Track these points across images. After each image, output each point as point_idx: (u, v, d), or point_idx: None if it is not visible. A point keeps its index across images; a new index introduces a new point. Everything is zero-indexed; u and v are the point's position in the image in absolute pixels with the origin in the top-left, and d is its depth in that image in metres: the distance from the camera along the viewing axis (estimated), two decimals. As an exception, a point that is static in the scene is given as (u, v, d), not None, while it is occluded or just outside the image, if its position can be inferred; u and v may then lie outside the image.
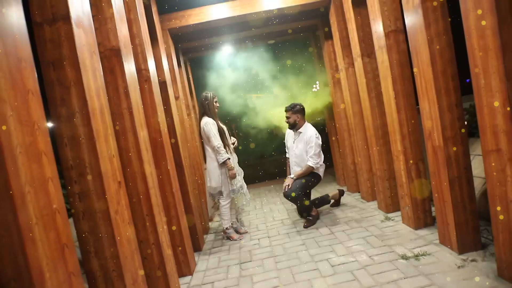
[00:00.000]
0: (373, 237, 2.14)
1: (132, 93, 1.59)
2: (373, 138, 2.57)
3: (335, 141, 3.93)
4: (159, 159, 2.00)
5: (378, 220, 2.45)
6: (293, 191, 2.60)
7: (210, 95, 2.65)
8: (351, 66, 2.94)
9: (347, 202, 3.19)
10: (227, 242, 2.62)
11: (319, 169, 2.77)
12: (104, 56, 1.52)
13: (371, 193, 3.02)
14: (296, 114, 2.79)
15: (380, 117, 2.52)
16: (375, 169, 2.66)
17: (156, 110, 1.99)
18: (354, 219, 2.61)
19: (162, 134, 2.01)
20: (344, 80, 3.03)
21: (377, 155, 2.56)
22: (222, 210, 2.65)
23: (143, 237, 1.57)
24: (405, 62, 2.05)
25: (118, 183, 1.22)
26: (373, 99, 2.52)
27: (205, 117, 2.60)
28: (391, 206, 2.57)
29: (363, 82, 2.54)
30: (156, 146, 2.00)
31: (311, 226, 2.63)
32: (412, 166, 2.10)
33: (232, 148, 2.68)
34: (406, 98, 2.06)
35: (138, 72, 1.95)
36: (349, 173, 3.51)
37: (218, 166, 2.54)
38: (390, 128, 2.20)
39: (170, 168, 2.06)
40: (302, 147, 2.75)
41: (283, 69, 4.12)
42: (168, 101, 2.45)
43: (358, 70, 2.59)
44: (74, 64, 1.06)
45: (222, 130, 2.58)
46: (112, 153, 1.21)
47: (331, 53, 3.44)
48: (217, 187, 2.58)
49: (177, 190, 2.13)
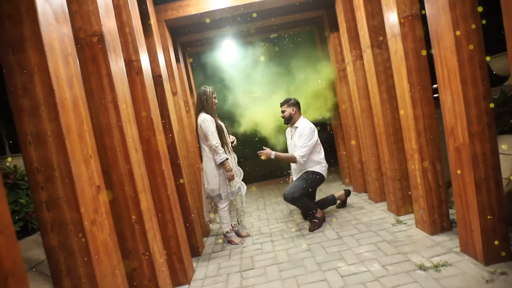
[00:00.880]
0: (385, 243, 1.96)
1: (119, 85, 1.42)
2: (383, 135, 2.38)
3: (341, 139, 3.75)
4: (153, 159, 1.83)
5: (389, 224, 2.27)
6: (293, 192, 2.42)
7: (209, 90, 2.48)
8: (359, 58, 2.75)
9: (353, 203, 3.01)
10: (228, 246, 2.46)
11: (321, 168, 2.59)
12: (86, 43, 1.35)
13: (380, 194, 2.83)
14: (291, 107, 2.62)
15: (391, 113, 2.34)
16: (385, 168, 2.47)
17: (149, 105, 1.82)
18: (362, 222, 2.43)
19: (156, 131, 1.85)
20: (351, 73, 2.83)
21: (388, 154, 2.37)
22: (220, 214, 2.48)
23: (132, 246, 1.40)
24: (422, 52, 1.86)
25: (97, 188, 1.05)
26: (383, 93, 2.33)
27: (203, 114, 2.42)
28: (402, 209, 2.39)
29: (372, 75, 2.35)
30: (149, 144, 1.83)
31: (317, 229, 2.46)
32: (428, 166, 1.91)
33: (231, 147, 2.51)
34: (422, 91, 1.87)
35: (128, 63, 1.79)
36: (356, 172, 3.33)
37: (216, 166, 2.37)
38: (403, 124, 2.01)
39: (165, 168, 1.90)
40: (298, 141, 2.58)
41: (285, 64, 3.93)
42: (164, 96, 2.28)
43: (367, 62, 2.40)
44: (38, 46, 0.89)
45: (220, 128, 2.41)
46: (89, 152, 1.04)
47: (336, 46, 3.25)
48: (214, 189, 2.41)
49: (173, 192, 1.96)
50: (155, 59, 2.25)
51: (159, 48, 2.35)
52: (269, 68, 3.82)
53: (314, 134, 2.55)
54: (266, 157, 2.46)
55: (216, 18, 2.96)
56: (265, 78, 3.76)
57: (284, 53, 3.84)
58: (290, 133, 2.75)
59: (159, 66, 2.26)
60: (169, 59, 2.70)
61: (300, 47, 3.74)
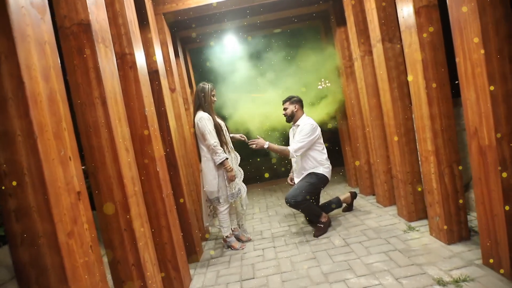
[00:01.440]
0: (397, 252, 1.82)
1: (107, 79, 1.29)
2: (394, 135, 2.23)
3: (346, 139, 3.60)
4: (147, 159, 1.71)
5: (400, 230, 2.13)
6: (295, 196, 2.28)
7: (208, 87, 2.35)
8: (368, 54, 2.60)
9: (360, 206, 2.86)
10: (228, 252, 2.34)
11: (325, 170, 2.45)
12: (71, 33, 1.23)
13: (389, 197, 2.68)
14: (293, 104, 2.50)
15: (403, 112, 2.18)
16: (395, 171, 2.32)
17: (143, 102, 1.70)
18: (371, 227, 2.29)
19: (150, 129, 1.72)
20: (359, 70, 2.68)
21: (399, 156, 2.22)
22: (220, 217, 2.35)
23: (121, 256, 1.28)
24: (439, 45, 1.71)
25: (76, 194, 0.92)
26: (395, 91, 2.18)
27: (200, 112, 2.29)
28: (414, 214, 2.24)
29: (383, 71, 2.20)
30: (143, 144, 1.71)
31: (322, 234, 2.32)
32: (445, 170, 1.76)
33: (231, 147, 2.38)
34: (439, 88, 1.72)
35: (120, 57, 1.66)
36: (363, 174, 3.18)
37: (215, 167, 2.24)
38: (418, 124, 1.86)
39: (161, 170, 1.77)
40: (296, 137, 2.44)
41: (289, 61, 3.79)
42: (161, 93, 2.15)
43: (378, 57, 2.25)
44: (5, 30, 0.76)
45: (219, 126, 2.28)
46: (68, 154, 0.92)
47: (343, 41, 3.10)
48: (213, 191, 2.28)
49: (168, 195, 1.84)
50: (152, 53, 2.12)
51: (156, 42, 2.22)
52: (272, 65, 3.67)
53: (315, 131, 2.41)
54: (258, 146, 2.34)
55: (216, 12, 2.82)
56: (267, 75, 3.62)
57: (288, 50, 3.70)
58: (292, 131, 2.62)
59: (156, 62, 2.13)
60: (167, 54, 2.58)
61: (305, 43, 3.59)
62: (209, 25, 3.10)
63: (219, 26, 3.22)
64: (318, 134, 2.46)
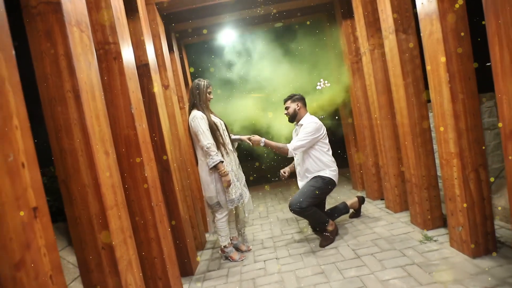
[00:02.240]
0: (415, 266, 1.62)
1: (83, 69, 1.09)
2: (408, 136, 2.04)
3: (352, 140, 3.40)
4: (133, 163, 1.51)
5: (415, 240, 1.93)
6: (300, 202, 2.08)
7: (204, 84, 2.15)
8: (378, 47, 2.41)
9: (368, 212, 2.67)
10: (226, 264, 2.13)
11: (331, 173, 2.25)
12: (38, 13, 1.03)
13: (400, 203, 2.49)
14: (296, 103, 2.31)
15: (418, 110, 1.99)
16: (409, 175, 2.13)
17: (129, 98, 1.49)
18: (382, 236, 2.09)
19: (138, 129, 1.52)
20: (368, 65, 2.49)
21: (414, 158, 2.03)
22: (218, 225, 2.15)
23: (98, 280, 1.08)
24: (465, 33, 1.52)
25: (31, 211, 0.72)
26: (409, 87, 1.98)
27: (194, 110, 2.09)
28: (430, 222, 2.04)
29: (396, 65, 2.01)
30: (129, 146, 1.50)
31: (329, 244, 2.12)
32: (471, 174, 1.57)
33: (230, 148, 2.18)
34: (464, 82, 1.53)
35: (103, 46, 1.46)
36: (370, 177, 2.99)
37: (209, 171, 2.04)
38: (438, 122, 1.67)
39: (150, 175, 1.57)
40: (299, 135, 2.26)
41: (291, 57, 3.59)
42: (152, 89, 1.95)
43: (390, 50, 2.05)
44: None
45: (214, 125, 2.07)
46: (21, 160, 0.71)
47: (349, 35, 2.90)
48: (212, 196, 2.08)
49: (159, 203, 1.63)
50: (141, 44, 1.92)
51: (147, 33, 2.02)
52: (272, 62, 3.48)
53: (319, 130, 2.22)
54: (254, 143, 2.20)
55: (213, 2, 2.62)
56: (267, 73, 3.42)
57: (290, 45, 3.50)
58: (295, 132, 2.42)
59: (146, 54, 1.93)
60: (160, 47, 2.37)
61: (308, 37, 3.40)
62: (206, 17, 2.90)
63: (217, 19, 3.02)
64: (322, 133, 2.26)
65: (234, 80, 3.50)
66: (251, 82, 3.46)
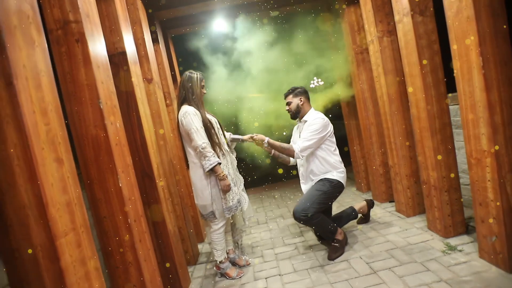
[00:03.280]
0: (444, 284, 1.38)
1: (21, 49, 0.80)
2: (425, 132, 1.80)
3: (356, 137, 3.17)
4: (104, 171, 1.22)
5: (437, 250, 1.70)
6: (306, 209, 1.82)
7: (196, 76, 1.87)
8: (387, 34, 2.17)
9: (377, 216, 2.44)
10: (222, 282, 1.86)
11: (339, 175, 2.00)
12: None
13: (413, 206, 2.26)
14: (298, 97, 2.06)
15: (437, 102, 1.76)
16: (426, 175, 1.89)
17: (97, 90, 1.20)
18: (398, 245, 1.86)
19: (109, 129, 1.23)
20: (376, 54, 2.25)
21: (433, 157, 1.79)
22: (213, 237, 1.87)
23: (45, 334, 0.79)
24: (500, 9, 1.28)
25: None
26: (427, 76, 1.75)
27: (185, 106, 1.81)
28: (452, 228, 1.82)
29: (412, 52, 1.77)
30: (98, 149, 1.21)
31: (339, 256, 1.87)
32: (508, 176, 1.33)
33: (226, 148, 1.91)
34: (500, 67, 1.30)
35: (62, 26, 1.17)
36: (377, 177, 2.76)
37: (204, 175, 1.76)
38: (466, 116, 1.43)
39: (125, 185, 1.28)
40: (303, 133, 2.01)
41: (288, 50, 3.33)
42: (130, 81, 1.65)
43: (404, 35, 1.81)
44: None
45: (209, 123, 1.80)
46: None
47: (353, 23, 2.66)
48: (206, 205, 1.80)
49: (138, 218, 1.35)
50: (117, 30, 1.62)
51: (124, 17, 1.72)
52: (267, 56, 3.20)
53: (326, 128, 1.97)
54: (257, 142, 1.95)
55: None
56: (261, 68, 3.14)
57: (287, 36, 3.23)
58: (298, 129, 2.16)
59: (123, 41, 1.63)
60: (141, 36, 2.07)
61: (307, 27, 3.14)
62: (194, 3, 2.61)
63: (206, 6, 2.72)
64: (330, 131, 2.01)
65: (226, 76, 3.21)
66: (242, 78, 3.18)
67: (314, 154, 1.99)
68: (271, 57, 3.07)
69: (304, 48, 3.09)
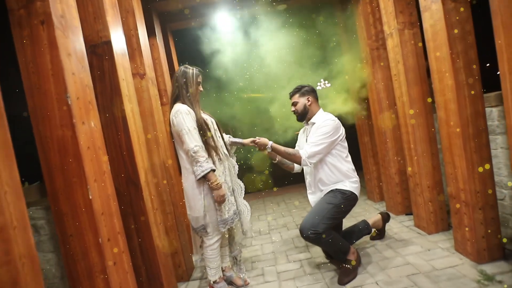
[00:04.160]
0: (485, 327, 1.12)
1: None
2: (456, 138, 1.54)
3: (368, 142, 2.91)
4: (71, 180, 1.01)
5: (470, 280, 1.43)
6: (315, 225, 1.57)
7: (192, 72, 1.66)
8: (409, 26, 1.92)
9: (393, 231, 2.17)
10: (215, 304, 1.63)
11: (352, 185, 1.75)
12: None
13: (435, 222, 2.00)
14: (305, 97, 1.83)
15: (471, 103, 1.50)
16: (455, 189, 1.63)
17: (65, 84, 1.00)
18: (421, 270, 1.59)
19: (79, 130, 1.02)
20: (395, 49, 1.99)
21: (465, 168, 1.53)
22: (207, 254, 1.65)
23: None
24: None
25: None
26: (460, 73, 1.49)
27: (178, 104, 1.60)
28: (486, 253, 1.54)
29: (442, 45, 1.51)
30: (65, 153, 1.01)
31: (351, 280, 1.62)
32: None
33: (225, 152, 1.68)
34: None
35: (25, 4, 0.97)
36: (392, 187, 2.49)
37: (197, 183, 1.54)
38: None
39: (98, 196, 1.07)
40: (310, 137, 1.77)
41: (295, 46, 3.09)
42: (115, 75, 1.45)
43: (432, 25, 1.56)
44: None
45: (204, 124, 1.58)
46: None
47: (368, 16, 2.41)
48: (198, 217, 1.58)
49: (115, 236, 1.13)
50: (101, 17, 1.43)
51: (111, 3, 1.53)
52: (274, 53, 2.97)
53: (338, 131, 1.73)
54: (260, 147, 1.73)
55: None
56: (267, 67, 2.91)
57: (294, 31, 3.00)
58: (305, 132, 1.92)
59: (108, 29, 1.43)
60: (134, 27, 1.88)
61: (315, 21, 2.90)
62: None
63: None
64: (341, 134, 1.77)
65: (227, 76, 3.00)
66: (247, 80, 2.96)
67: (323, 161, 1.75)
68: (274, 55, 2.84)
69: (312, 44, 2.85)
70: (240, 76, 3.04)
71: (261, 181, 4.07)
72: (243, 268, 1.89)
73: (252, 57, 2.96)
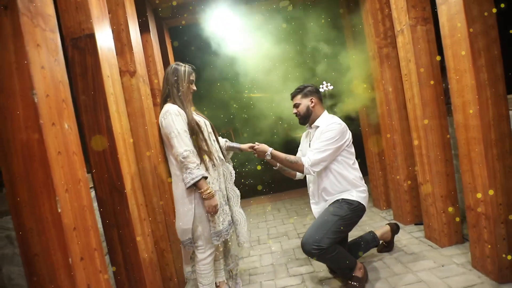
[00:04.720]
0: None
1: None
2: (476, 144, 1.39)
3: (374, 146, 2.76)
4: (36, 191, 0.87)
5: (492, 303, 1.27)
6: (319, 240, 1.42)
7: (184, 70, 1.52)
8: (421, 22, 1.77)
9: (402, 244, 2.02)
10: (208, 324, 1.48)
11: (360, 195, 1.60)
12: None
13: (448, 234, 1.84)
14: (309, 98, 1.68)
15: (494, 106, 1.35)
16: (474, 200, 1.47)
17: (30, 79, 0.86)
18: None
19: (47, 132, 0.88)
20: (407, 47, 1.85)
21: (486, 177, 1.37)
22: (199, 269, 1.50)
23: None
24: None
25: None
26: (481, 71, 1.34)
27: (168, 104, 1.46)
28: (508, 271, 1.39)
29: (461, 41, 1.36)
30: (31, 159, 0.87)
31: (358, 299, 1.46)
32: None
33: (221, 157, 1.54)
34: None
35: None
36: (400, 194, 2.34)
37: (187, 191, 1.40)
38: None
39: (69, 209, 0.93)
40: (314, 143, 1.62)
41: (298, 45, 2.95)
42: (99, 72, 1.32)
43: (450, 19, 1.41)
44: None
45: (197, 126, 1.44)
46: None
47: (376, 12, 2.27)
48: (186, 229, 1.43)
49: (90, 254, 0.99)
50: (84, 7, 1.29)
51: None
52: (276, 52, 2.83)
53: (344, 135, 1.58)
54: (259, 154, 1.59)
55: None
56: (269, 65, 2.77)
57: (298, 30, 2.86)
58: (308, 137, 1.78)
59: (91, 21, 1.30)
60: (124, 21, 1.75)
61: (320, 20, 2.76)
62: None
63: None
64: (348, 139, 1.62)
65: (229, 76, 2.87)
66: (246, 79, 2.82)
67: (328, 168, 1.60)
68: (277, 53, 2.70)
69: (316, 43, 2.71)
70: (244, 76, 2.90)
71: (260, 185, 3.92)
72: (239, 282, 1.74)
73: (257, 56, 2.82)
